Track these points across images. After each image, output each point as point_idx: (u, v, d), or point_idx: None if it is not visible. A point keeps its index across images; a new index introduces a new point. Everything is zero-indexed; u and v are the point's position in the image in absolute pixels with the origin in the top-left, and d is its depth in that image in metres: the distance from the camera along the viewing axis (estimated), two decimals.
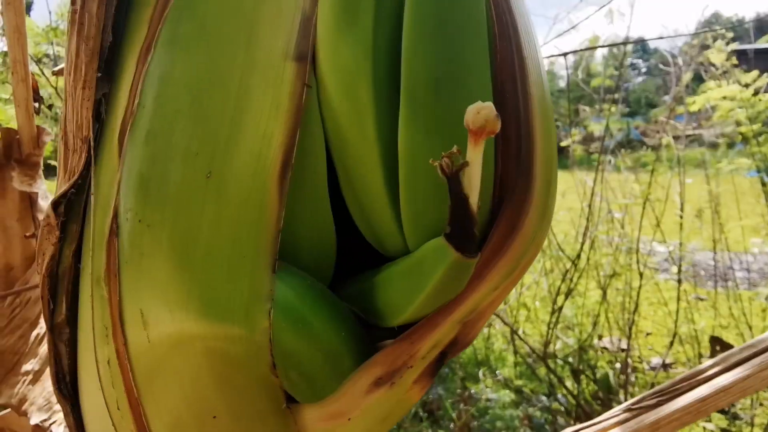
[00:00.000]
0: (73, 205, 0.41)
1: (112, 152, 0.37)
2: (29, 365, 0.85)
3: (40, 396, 0.81)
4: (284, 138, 0.33)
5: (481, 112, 0.27)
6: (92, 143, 0.39)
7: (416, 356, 0.35)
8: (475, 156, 0.28)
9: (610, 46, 2.79)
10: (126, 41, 0.38)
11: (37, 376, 0.84)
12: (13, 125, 0.99)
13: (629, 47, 2.85)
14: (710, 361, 0.63)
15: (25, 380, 0.86)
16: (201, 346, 0.34)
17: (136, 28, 0.38)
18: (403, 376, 0.35)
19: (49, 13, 2.02)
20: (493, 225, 0.33)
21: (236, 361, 0.34)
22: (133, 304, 0.35)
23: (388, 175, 0.34)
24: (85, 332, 0.40)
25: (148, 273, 0.34)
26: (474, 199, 0.29)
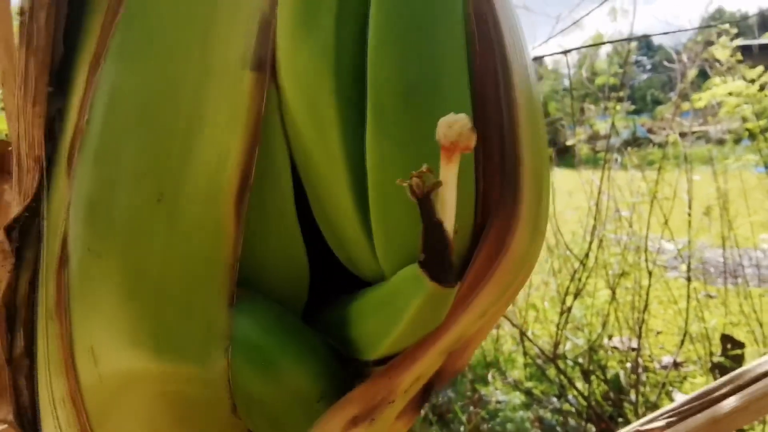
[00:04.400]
0: (28, 230, 0.37)
1: (62, 174, 0.34)
2: None
3: None
4: (242, 156, 0.30)
5: (454, 125, 0.24)
6: (44, 164, 0.36)
7: (397, 391, 0.32)
8: (449, 175, 0.25)
9: (613, 42, 2.75)
10: (78, 52, 0.35)
11: None
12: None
13: (633, 44, 2.81)
14: (721, 380, 0.59)
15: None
16: (155, 386, 0.30)
17: (86, 38, 0.35)
18: (384, 412, 0.32)
19: None
20: (476, 248, 0.30)
21: (193, 402, 0.30)
22: (84, 339, 0.31)
23: (357, 194, 0.31)
24: (41, 367, 0.37)
25: (97, 306, 0.31)
26: (449, 223, 0.25)
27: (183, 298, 0.30)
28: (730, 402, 0.56)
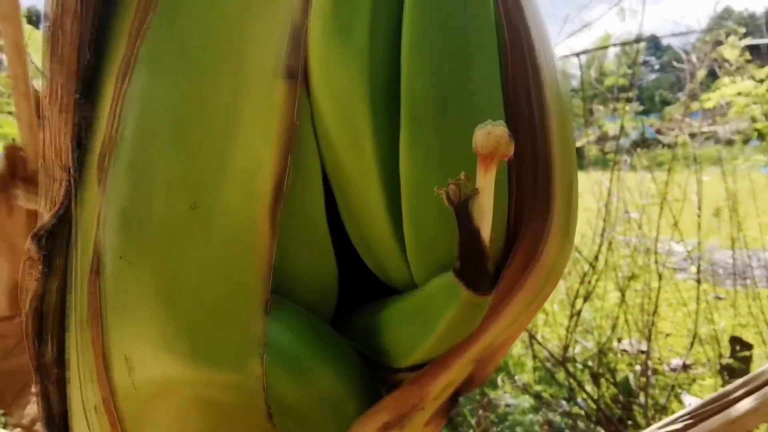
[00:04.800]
0: (56, 237, 0.38)
1: (92, 182, 0.34)
2: None
3: None
4: (275, 165, 0.30)
5: (491, 133, 0.24)
6: (73, 172, 0.36)
7: (427, 398, 0.32)
8: (486, 183, 0.25)
9: (622, 44, 2.74)
10: (105, 59, 0.35)
11: None
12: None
13: (641, 45, 2.80)
14: (736, 383, 0.59)
15: (36, 401, 0.84)
16: (190, 393, 0.30)
17: (114, 44, 0.35)
18: (414, 419, 0.32)
19: None
20: (508, 256, 0.30)
21: (228, 409, 0.31)
22: (118, 348, 0.32)
23: (389, 202, 0.31)
24: (73, 374, 0.37)
25: (132, 315, 0.31)
26: (486, 232, 0.25)
27: (219, 305, 0.30)
28: (745, 404, 0.56)
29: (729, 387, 0.59)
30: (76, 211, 0.35)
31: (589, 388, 2.59)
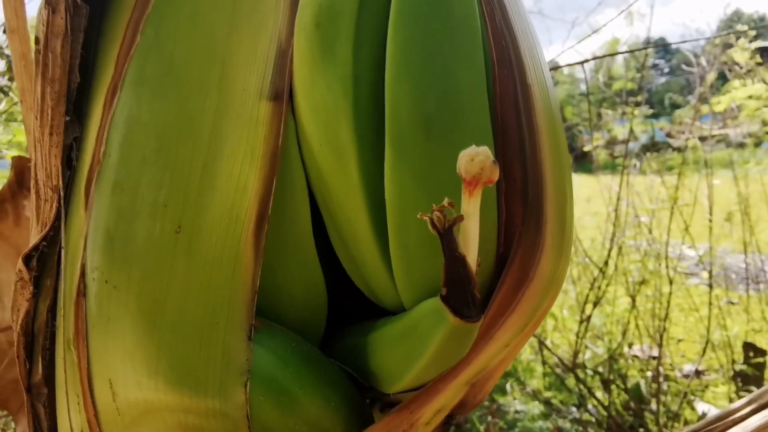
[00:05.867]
0: (46, 258, 0.37)
1: (80, 204, 0.34)
2: None
3: None
4: (260, 186, 0.30)
5: (475, 159, 0.23)
6: (62, 193, 0.35)
7: (418, 423, 0.31)
8: (471, 209, 0.24)
9: (631, 52, 2.72)
10: (95, 81, 0.35)
11: None
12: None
13: (650, 49, 2.78)
14: (743, 400, 0.58)
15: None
16: (173, 419, 0.30)
17: (103, 66, 0.35)
18: None
19: None
20: (499, 278, 0.29)
21: None
22: (102, 372, 0.31)
23: (376, 224, 0.30)
24: (61, 396, 0.36)
25: (116, 338, 0.31)
26: (472, 258, 0.25)
27: (201, 331, 0.29)
28: (755, 420, 0.55)
29: (738, 403, 0.58)
30: (64, 233, 0.35)
31: (599, 394, 2.57)
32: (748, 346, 2.79)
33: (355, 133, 0.29)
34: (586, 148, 3.36)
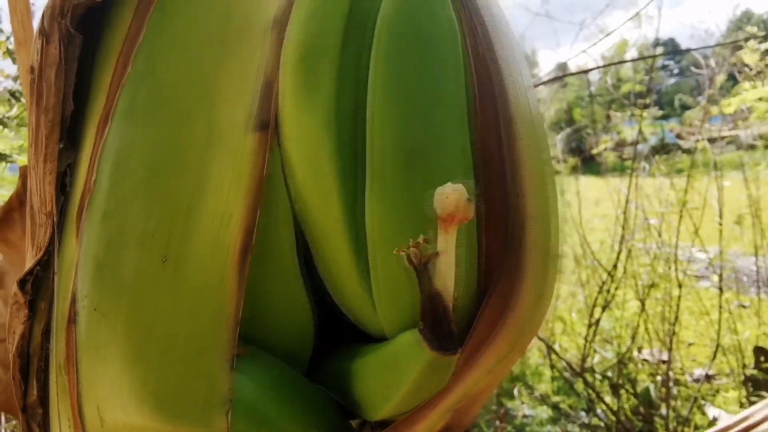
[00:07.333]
0: (41, 282, 0.38)
1: (72, 231, 0.34)
2: None
3: None
4: (244, 216, 0.30)
5: (450, 196, 0.24)
6: (56, 219, 0.36)
7: None
8: (447, 245, 0.24)
9: (639, 60, 2.71)
10: (87, 109, 0.36)
11: None
12: None
13: (659, 49, 2.76)
14: (757, 406, 0.58)
15: None
16: None
17: (96, 95, 0.35)
18: None
19: None
20: (478, 311, 0.29)
21: None
22: (91, 397, 0.32)
23: (357, 256, 0.30)
24: (54, 418, 0.37)
25: (103, 365, 0.31)
26: (448, 293, 0.25)
27: (186, 360, 0.30)
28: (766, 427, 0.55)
29: (750, 410, 0.58)
30: (57, 259, 0.36)
31: (608, 399, 2.56)
32: (759, 351, 2.77)
33: (336, 166, 0.30)
34: (594, 151, 3.35)
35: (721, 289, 2.70)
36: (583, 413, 2.58)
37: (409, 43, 0.29)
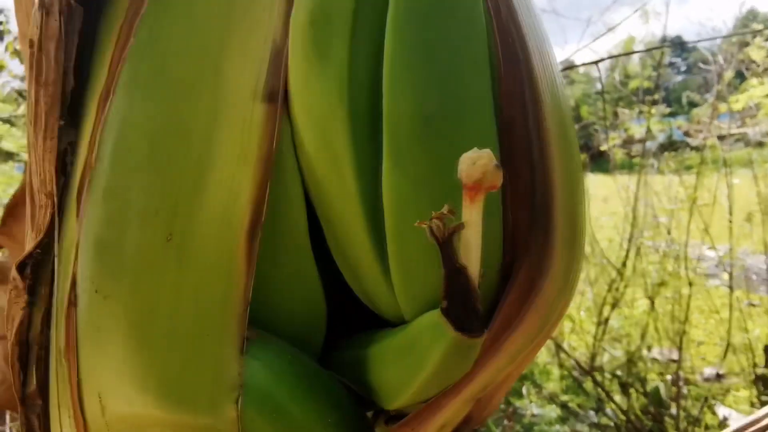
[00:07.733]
0: (41, 266, 0.36)
1: (72, 211, 0.33)
2: None
3: None
4: (253, 191, 0.28)
5: (477, 162, 0.22)
6: (56, 200, 0.34)
7: None
8: (473, 216, 0.23)
9: (646, 51, 2.68)
10: (89, 84, 0.34)
11: None
12: None
13: (666, 47, 2.74)
14: (764, 410, 0.57)
15: None
16: None
17: (98, 69, 0.34)
18: None
19: None
20: (504, 289, 0.27)
21: None
22: (92, 384, 0.30)
23: (374, 233, 0.28)
24: (53, 408, 0.35)
25: (105, 351, 0.29)
26: (474, 268, 0.23)
27: (193, 344, 0.28)
28: None
29: (760, 412, 0.56)
30: (58, 241, 0.34)
31: (618, 398, 2.53)
32: None
33: (350, 137, 0.28)
34: (602, 148, 3.33)
35: (731, 288, 2.67)
36: (592, 412, 2.56)
37: (428, 5, 0.27)
